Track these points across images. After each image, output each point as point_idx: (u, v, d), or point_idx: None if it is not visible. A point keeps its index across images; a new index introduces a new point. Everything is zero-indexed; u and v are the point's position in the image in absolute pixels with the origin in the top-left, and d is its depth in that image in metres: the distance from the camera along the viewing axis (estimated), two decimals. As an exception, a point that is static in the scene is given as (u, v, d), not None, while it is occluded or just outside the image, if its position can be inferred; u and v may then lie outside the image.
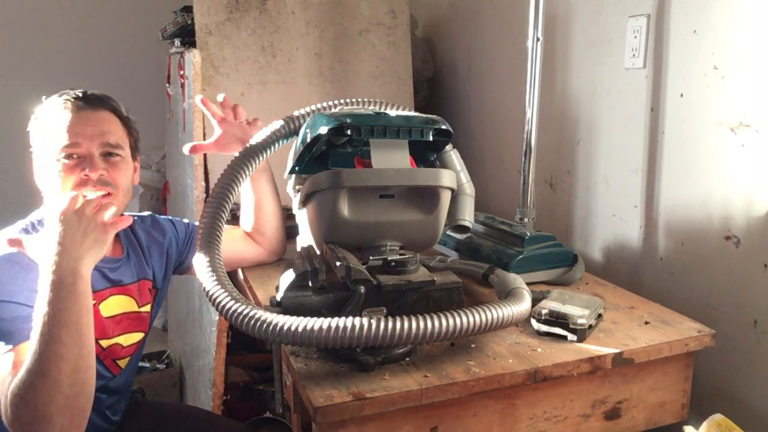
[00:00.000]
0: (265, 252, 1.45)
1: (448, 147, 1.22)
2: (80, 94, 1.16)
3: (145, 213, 1.37)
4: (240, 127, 1.38)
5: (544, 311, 1.11)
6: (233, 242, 1.41)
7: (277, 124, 1.19)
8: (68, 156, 1.12)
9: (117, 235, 1.24)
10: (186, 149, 1.40)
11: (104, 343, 1.19)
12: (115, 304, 1.22)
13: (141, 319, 1.27)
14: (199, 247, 1.06)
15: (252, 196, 1.41)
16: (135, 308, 1.25)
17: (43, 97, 1.18)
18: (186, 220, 1.42)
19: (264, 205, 1.42)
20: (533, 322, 1.12)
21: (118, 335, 1.22)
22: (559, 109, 1.78)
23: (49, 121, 1.14)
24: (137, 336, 1.26)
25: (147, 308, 1.29)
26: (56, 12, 3.01)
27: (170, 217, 1.40)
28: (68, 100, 1.15)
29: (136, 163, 1.24)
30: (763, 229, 1.22)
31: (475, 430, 1.01)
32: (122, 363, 1.24)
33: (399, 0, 2.15)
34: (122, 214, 1.13)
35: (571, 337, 1.09)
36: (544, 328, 1.11)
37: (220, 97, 1.40)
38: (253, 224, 1.43)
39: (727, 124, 1.28)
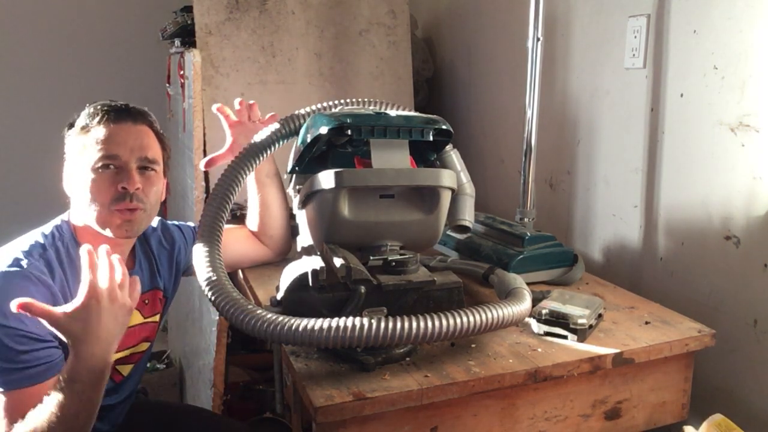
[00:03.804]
0: (270, 252, 1.45)
1: (449, 147, 1.21)
2: (122, 106, 1.15)
3: (155, 219, 1.35)
4: (254, 128, 1.36)
5: (544, 311, 1.11)
6: (239, 243, 1.41)
7: (279, 122, 1.19)
8: (105, 166, 1.09)
9: (133, 247, 1.24)
10: (202, 165, 1.40)
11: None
12: None
13: (148, 329, 1.27)
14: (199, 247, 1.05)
15: (261, 201, 1.41)
16: (141, 320, 1.25)
17: (87, 105, 1.16)
18: (191, 224, 1.42)
19: (273, 210, 1.42)
20: (533, 322, 1.12)
21: (124, 349, 1.21)
22: (559, 109, 1.78)
23: (89, 130, 1.12)
24: (143, 346, 1.27)
25: (156, 318, 1.29)
26: (56, 12, 3.01)
27: (177, 223, 1.39)
28: (109, 110, 1.12)
29: (165, 179, 1.22)
30: (763, 229, 1.22)
31: (475, 430, 1.01)
32: (125, 370, 1.24)
33: (399, 0, 2.15)
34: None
35: (571, 337, 1.09)
36: (545, 328, 1.11)
37: (236, 102, 1.38)
38: (261, 227, 1.43)
39: (727, 124, 1.28)
